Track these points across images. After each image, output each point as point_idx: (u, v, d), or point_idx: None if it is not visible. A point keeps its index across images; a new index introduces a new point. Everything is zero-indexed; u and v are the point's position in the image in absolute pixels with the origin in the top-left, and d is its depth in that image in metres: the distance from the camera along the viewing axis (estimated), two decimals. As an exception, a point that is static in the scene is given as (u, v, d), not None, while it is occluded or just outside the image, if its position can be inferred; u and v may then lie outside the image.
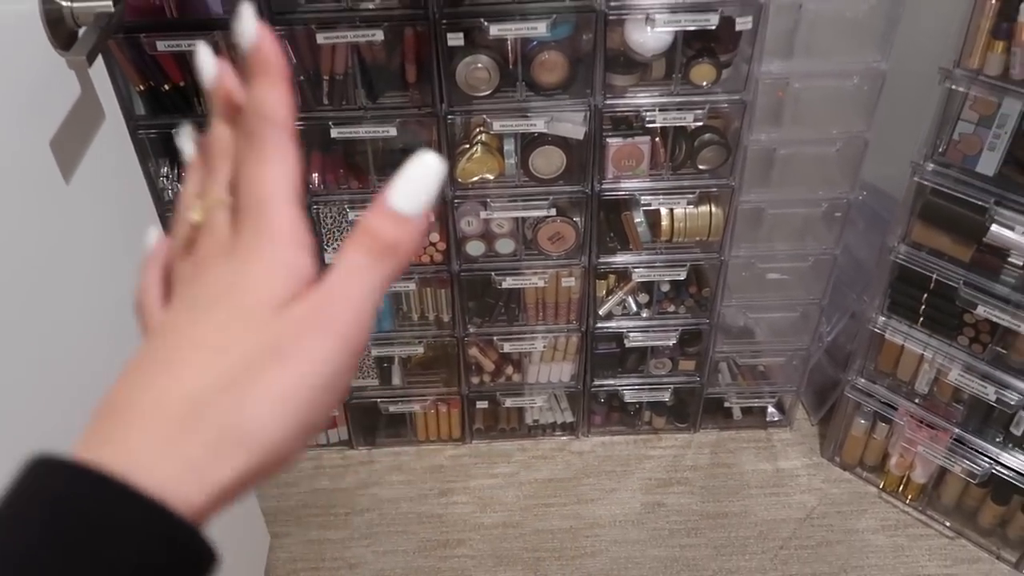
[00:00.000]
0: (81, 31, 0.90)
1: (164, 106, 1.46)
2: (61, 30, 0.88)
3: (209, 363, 0.33)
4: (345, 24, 1.37)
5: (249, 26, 0.37)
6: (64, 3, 0.86)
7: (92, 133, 1.00)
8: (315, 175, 1.56)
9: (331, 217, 1.61)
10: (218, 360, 0.33)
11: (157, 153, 1.52)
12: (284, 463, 0.33)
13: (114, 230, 1.07)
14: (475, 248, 1.66)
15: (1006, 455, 1.62)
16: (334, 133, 1.48)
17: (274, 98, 0.36)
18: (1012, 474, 1.60)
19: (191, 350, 0.33)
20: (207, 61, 0.39)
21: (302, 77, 1.45)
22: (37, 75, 0.86)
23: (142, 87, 1.44)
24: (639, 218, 1.65)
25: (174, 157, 1.54)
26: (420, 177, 0.36)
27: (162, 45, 1.37)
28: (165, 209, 1.54)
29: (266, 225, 0.35)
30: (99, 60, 0.98)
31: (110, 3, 0.87)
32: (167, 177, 1.54)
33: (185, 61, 1.41)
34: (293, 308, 0.34)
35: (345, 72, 1.45)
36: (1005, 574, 1.70)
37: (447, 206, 1.59)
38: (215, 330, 0.33)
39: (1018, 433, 1.59)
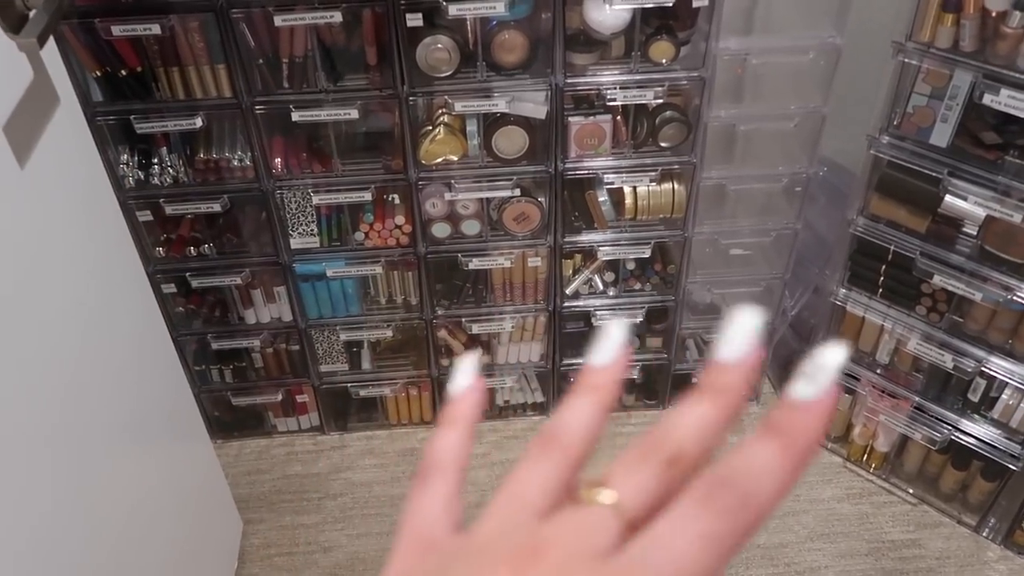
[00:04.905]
0: (31, 14, 0.90)
1: (122, 92, 1.45)
2: (11, 13, 0.87)
3: None
4: (303, 6, 1.37)
5: (808, 391, 0.29)
6: (12, -15, 0.86)
7: (47, 118, 0.99)
8: (278, 160, 1.55)
9: (295, 202, 1.60)
10: None
11: (117, 140, 1.50)
12: None
13: (72, 215, 1.06)
14: (441, 230, 1.67)
15: (965, 421, 1.66)
16: (295, 117, 1.47)
17: (777, 478, 0.29)
18: (971, 440, 1.64)
19: None
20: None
21: (261, 60, 1.44)
22: (-13, 58, 0.85)
23: (99, 73, 1.42)
24: (603, 197, 1.67)
25: (134, 144, 1.52)
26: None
27: (117, 30, 1.35)
28: (126, 196, 1.53)
29: None
30: (52, 45, 0.98)
31: (60, -16, 0.86)
32: (127, 164, 1.52)
33: (141, 45, 1.40)
34: None
35: (305, 55, 1.44)
36: (966, 537, 1.75)
37: (412, 188, 1.59)
38: None
39: (975, 399, 1.63)
